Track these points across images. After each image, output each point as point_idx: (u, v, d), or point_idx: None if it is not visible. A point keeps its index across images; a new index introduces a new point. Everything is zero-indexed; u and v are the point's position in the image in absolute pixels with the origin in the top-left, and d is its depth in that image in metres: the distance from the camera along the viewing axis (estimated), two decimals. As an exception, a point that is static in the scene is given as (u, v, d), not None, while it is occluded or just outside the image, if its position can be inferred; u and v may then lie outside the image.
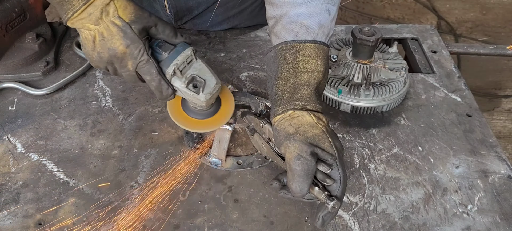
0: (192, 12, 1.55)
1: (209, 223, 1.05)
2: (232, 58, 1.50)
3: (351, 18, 4.00)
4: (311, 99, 1.01)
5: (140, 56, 1.01)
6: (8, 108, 1.30)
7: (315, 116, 1.00)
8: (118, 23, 1.00)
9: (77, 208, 1.07)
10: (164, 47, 1.06)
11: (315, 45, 1.04)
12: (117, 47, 1.01)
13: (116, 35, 1.00)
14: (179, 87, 1.07)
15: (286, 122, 1.00)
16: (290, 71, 1.03)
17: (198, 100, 1.09)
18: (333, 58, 1.39)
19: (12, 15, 1.38)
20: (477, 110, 1.36)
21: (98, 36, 1.01)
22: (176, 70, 1.05)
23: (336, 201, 0.94)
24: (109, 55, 1.02)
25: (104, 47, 1.01)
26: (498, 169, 1.20)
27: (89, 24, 1.00)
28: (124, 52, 1.01)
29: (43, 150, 1.19)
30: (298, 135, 0.96)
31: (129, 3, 1.02)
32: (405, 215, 1.09)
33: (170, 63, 1.05)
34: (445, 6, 4.18)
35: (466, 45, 1.73)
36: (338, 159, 0.96)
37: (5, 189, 1.10)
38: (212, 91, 1.08)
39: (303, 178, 0.94)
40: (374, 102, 1.31)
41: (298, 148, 0.95)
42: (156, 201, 1.08)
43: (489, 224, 1.07)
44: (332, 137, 0.98)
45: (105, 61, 1.04)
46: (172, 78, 1.06)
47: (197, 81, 1.07)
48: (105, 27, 1.00)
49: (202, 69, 1.09)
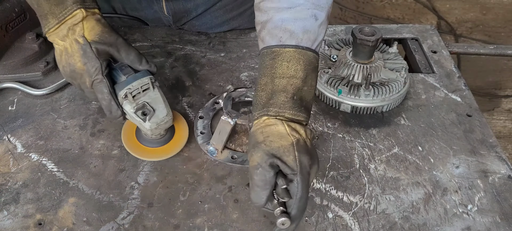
0: (190, 14, 1.55)
1: (209, 223, 1.05)
2: (232, 58, 1.51)
3: (351, 18, 4.00)
4: (286, 105, 0.97)
5: (95, 75, 1.08)
6: (8, 108, 1.30)
7: (290, 126, 0.96)
8: (80, 41, 1.08)
9: (77, 208, 1.07)
10: (124, 71, 1.11)
11: (295, 50, 1.01)
12: (76, 64, 1.08)
13: (76, 52, 1.08)
14: (128, 111, 1.11)
15: (259, 130, 0.98)
16: (268, 76, 1.01)
17: (143, 128, 1.13)
18: (333, 58, 1.39)
19: (12, 15, 1.38)
20: (477, 110, 1.36)
21: (64, 52, 1.10)
22: (128, 95, 1.10)
23: (286, 218, 0.91)
24: (70, 70, 1.10)
25: (66, 62, 1.10)
26: (498, 169, 1.20)
27: (58, 40, 1.10)
28: (82, 69, 1.08)
29: (43, 150, 1.19)
30: (264, 144, 0.94)
31: (98, 25, 1.10)
32: (405, 215, 1.09)
33: (124, 87, 1.10)
34: (445, 6, 4.18)
35: (466, 45, 1.73)
36: (299, 175, 0.92)
37: (5, 189, 1.10)
38: (160, 122, 1.12)
39: (261, 188, 0.93)
40: (374, 102, 1.31)
41: (260, 157, 0.93)
42: (156, 201, 1.09)
43: (489, 224, 1.07)
44: (299, 151, 0.93)
45: (68, 75, 1.12)
46: (123, 101, 1.10)
47: (147, 109, 1.11)
48: (70, 44, 1.09)
49: (156, 99, 1.13)
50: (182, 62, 1.48)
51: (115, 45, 1.11)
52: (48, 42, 1.44)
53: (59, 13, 1.07)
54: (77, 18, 1.08)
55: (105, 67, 1.09)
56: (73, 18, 1.07)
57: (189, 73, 1.44)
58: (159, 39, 1.57)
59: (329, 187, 1.14)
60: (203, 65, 1.48)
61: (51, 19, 1.08)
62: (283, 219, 0.91)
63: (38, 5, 1.09)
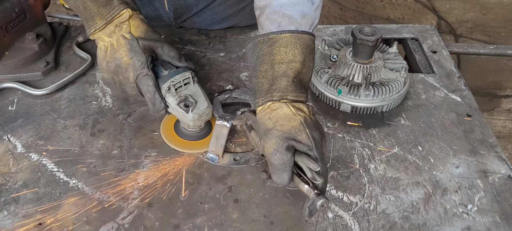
0: (191, 10, 1.56)
1: (209, 223, 1.05)
2: (232, 58, 1.51)
3: (351, 18, 4.00)
4: (289, 89, 1.03)
5: (140, 68, 1.11)
6: (8, 108, 1.30)
7: (294, 107, 1.02)
8: (127, 36, 1.13)
9: (77, 208, 1.07)
10: (166, 66, 1.16)
11: (291, 35, 1.05)
12: (122, 58, 1.12)
13: (123, 46, 1.12)
14: (171, 103, 1.15)
15: (266, 116, 1.03)
16: (268, 63, 1.05)
17: (186, 119, 1.15)
18: (333, 58, 1.39)
19: (12, 15, 1.38)
20: (477, 110, 1.36)
21: (109, 47, 1.14)
22: (171, 87, 1.14)
23: (324, 199, 0.95)
24: (115, 64, 1.13)
25: (112, 57, 1.13)
26: (498, 169, 1.20)
27: (104, 36, 1.14)
28: (128, 63, 1.12)
29: (43, 150, 1.19)
30: (275, 130, 1.00)
31: (142, 23, 1.16)
32: (405, 215, 1.09)
33: (167, 80, 1.14)
34: (445, 6, 4.18)
35: (466, 45, 1.73)
36: (314, 149, 0.98)
37: (5, 189, 1.10)
38: (201, 113, 1.15)
39: (282, 171, 0.99)
40: (374, 102, 1.31)
41: (275, 143, 0.99)
42: (156, 201, 1.09)
43: (489, 224, 1.07)
44: (310, 128, 0.99)
45: (111, 71, 1.15)
46: (166, 94, 1.14)
47: (189, 101, 1.15)
48: (116, 39, 1.13)
49: (197, 92, 1.17)
50: (182, 62, 1.48)
51: (159, 42, 1.16)
52: (48, 42, 1.44)
53: (107, 13, 1.11)
54: (124, 17, 1.13)
55: (150, 62, 1.13)
56: (120, 17, 1.12)
57: (189, 73, 1.44)
58: (159, 39, 1.56)
59: (329, 187, 1.14)
60: (203, 65, 1.48)
61: (99, 20, 1.12)
62: (322, 200, 0.95)
63: (85, 8, 1.12)
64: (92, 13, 1.12)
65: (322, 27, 1.67)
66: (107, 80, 1.21)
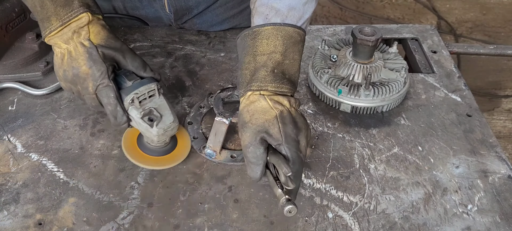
0: (192, 11, 1.56)
1: (209, 223, 1.05)
2: (232, 58, 1.51)
3: (351, 18, 4.00)
4: (267, 79, 1.03)
5: (100, 79, 1.05)
6: (8, 108, 1.30)
7: (272, 100, 1.02)
8: (86, 44, 1.06)
9: (77, 208, 1.07)
10: (129, 77, 1.09)
11: (273, 27, 1.06)
12: (81, 67, 1.05)
13: (82, 55, 1.05)
14: (134, 117, 1.08)
15: (245, 108, 1.04)
16: (251, 54, 1.06)
17: (150, 134, 1.09)
18: (333, 58, 1.39)
19: (12, 15, 1.38)
20: (477, 110, 1.36)
21: (67, 55, 1.07)
22: (135, 100, 1.07)
23: (292, 206, 0.95)
24: (72, 74, 1.06)
25: (69, 66, 1.06)
26: (498, 169, 1.20)
27: (60, 43, 1.07)
28: (87, 73, 1.05)
29: (43, 150, 1.19)
30: (250, 123, 1.01)
31: (103, 30, 1.09)
32: (405, 215, 1.09)
33: (130, 92, 1.07)
34: (445, 6, 4.18)
35: (466, 45, 1.73)
36: (284, 144, 0.98)
37: (5, 189, 1.10)
38: (166, 128, 1.09)
39: (254, 164, 1.00)
40: (374, 102, 1.31)
41: (249, 136, 1.00)
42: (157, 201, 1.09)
43: (489, 224, 1.07)
44: (284, 122, 0.99)
45: (69, 80, 1.08)
46: (129, 107, 1.08)
47: (154, 115, 1.09)
48: (74, 47, 1.06)
49: (162, 105, 1.11)
50: (182, 62, 1.48)
51: (121, 50, 1.10)
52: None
53: (64, 15, 1.05)
54: (82, 21, 1.06)
55: (111, 71, 1.07)
56: (79, 21, 1.05)
57: (189, 73, 1.44)
58: (159, 39, 1.57)
59: (329, 187, 1.14)
60: (203, 65, 1.48)
61: (54, 21, 1.05)
62: (289, 206, 0.95)
63: (42, 6, 1.06)
64: (49, 13, 1.05)
65: (322, 27, 1.67)
66: (65, 89, 1.13)
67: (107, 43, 1.08)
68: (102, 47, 1.06)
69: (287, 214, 0.95)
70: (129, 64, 1.11)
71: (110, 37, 1.09)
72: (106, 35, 1.09)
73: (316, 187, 1.14)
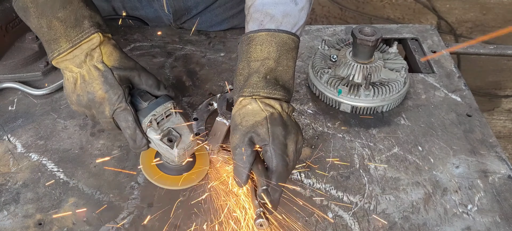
0: (191, 11, 1.56)
1: (209, 223, 1.05)
2: (232, 58, 1.50)
3: (351, 18, 4.00)
4: (259, 85, 1.02)
5: (118, 103, 1.02)
6: (8, 108, 1.30)
7: (263, 103, 1.01)
8: (101, 67, 1.02)
9: (77, 208, 1.07)
10: (144, 97, 1.06)
11: (268, 33, 1.05)
12: (96, 92, 1.01)
13: (97, 79, 1.01)
14: (153, 139, 1.05)
15: (237, 112, 1.03)
16: (245, 61, 1.06)
17: (171, 155, 1.06)
18: (333, 58, 1.39)
19: (12, 15, 1.37)
20: (477, 110, 1.36)
21: (80, 79, 1.02)
22: (153, 121, 1.05)
23: (264, 219, 0.95)
24: (87, 99, 1.02)
25: (84, 91, 1.02)
26: (498, 169, 1.20)
27: (72, 66, 1.02)
28: (103, 97, 1.02)
29: (43, 150, 1.19)
30: (241, 125, 1.00)
31: (115, 50, 1.05)
32: (405, 215, 1.08)
33: (148, 114, 1.04)
34: (445, 6, 4.18)
35: (466, 45, 1.73)
36: (271, 144, 0.97)
37: (5, 189, 1.10)
38: (187, 147, 1.06)
39: (241, 167, 0.98)
40: (374, 102, 1.31)
41: (237, 138, 0.99)
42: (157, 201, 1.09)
43: (489, 224, 1.07)
44: (273, 124, 0.98)
45: (83, 105, 1.04)
46: (148, 129, 1.05)
47: (173, 135, 1.06)
48: (87, 71, 1.02)
49: (180, 124, 1.08)
50: (182, 62, 1.48)
51: (135, 70, 1.07)
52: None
53: (75, 36, 1.00)
54: (94, 42, 1.02)
55: (127, 94, 1.03)
56: (90, 42, 1.01)
57: (189, 73, 1.44)
58: (159, 39, 1.57)
59: (329, 187, 1.14)
60: (203, 65, 1.48)
61: (64, 43, 1.00)
62: (260, 220, 0.95)
63: (50, 28, 1.00)
64: (57, 34, 1.00)
65: (322, 27, 1.67)
66: (78, 112, 1.11)
67: (121, 64, 1.04)
68: (117, 70, 1.03)
69: (258, 226, 0.95)
70: (144, 84, 1.08)
71: (123, 57, 1.06)
72: (119, 55, 1.05)
73: (316, 187, 1.14)
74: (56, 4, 1.00)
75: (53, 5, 0.99)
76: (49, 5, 0.99)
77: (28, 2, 1.00)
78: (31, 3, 0.99)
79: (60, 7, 1.00)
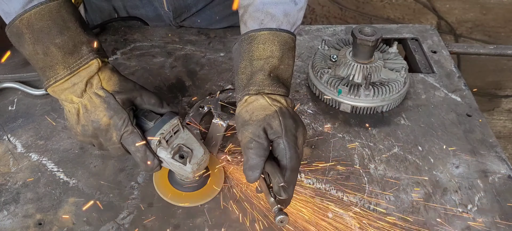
0: (191, 9, 1.56)
1: (209, 223, 1.05)
2: (231, 58, 1.50)
3: (351, 18, 4.00)
4: (264, 83, 1.02)
5: (124, 127, 0.99)
6: (8, 108, 1.30)
7: (270, 98, 1.02)
8: (101, 94, 0.99)
9: (77, 208, 1.07)
10: (149, 117, 1.03)
11: (270, 32, 1.05)
12: (101, 119, 0.98)
13: (99, 106, 0.98)
14: (164, 158, 1.02)
15: (243, 109, 1.02)
16: (247, 59, 1.06)
17: (184, 172, 1.04)
18: (333, 58, 1.39)
19: (12, 15, 1.37)
20: (477, 110, 1.36)
21: (82, 109, 0.99)
22: (162, 140, 1.01)
23: (284, 216, 0.94)
24: (93, 128, 0.99)
25: (88, 120, 0.99)
26: (498, 169, 1.20)
27: (72, 97, 0.99)
28: (108, 124, 0.99)
29: (43, 150, 1.19)
30: (251, 120, 1.00)
31: (114, 74, 1.02)
32: (405, 215, 1.08)
33: (156, 133, 1.01)
34: (445, 6, 4.18)
35: (466, 45, 1.73)
36: (284, 137, 0.97)
37: (5, 189, 1.10)
38: (200, 162, 1.03)
39: (256, 161, 0.96)
40: (374, 102, 1.31)
41: (251, 132, 0.98)
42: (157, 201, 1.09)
43: (489, 224, 1.07)
44: (284, 117, 0.99)
45: (89, 135, 1.01)
46: (157, 148, 1.02)
47: (184, 151, 1.03)
48: (88, 99, 0.99)
49: (189, 138, 1.05)
50: (182, 62, 1.48)
51: (136, 91, 1.04)
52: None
53: (73, 62, 0.97)
54: (92, 69, 0.98)
55: (132, 117, 1.01)
56: (89, 68, 0.98)
57: (189, 73, 1.44)
58: (159, 39, 1.57)
59: (329, 187, 1.14)
60: (203, 65, 1.48)
61: (61, 70, 0.97)
62: (281, 216, 0.93)
63: (46, 54, 0.96)
64: (54, 61, 0.96)
65: (322, 27, 1.67)
66: (84, 143, 1.07)
67: (121, 87, 1.01)
68: (118, 94, 1.00)
69: (278, 224, 0.94)
70: (146, 103, 1.04)
71: (122, 80, 1.03)
72: (117, 79, 1.02)
73: (316, 187, 1.14)
74: (53, 30, 0.96)
75: (50, 31, 0.96)
76: (46, 31, 0.95)
77: (23, 28, 0.95)
78: (26, 29, 0.95)
79: (58, 33, 0.96)
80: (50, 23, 0.95)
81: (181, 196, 1.09)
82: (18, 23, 0.95)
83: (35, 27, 0.95)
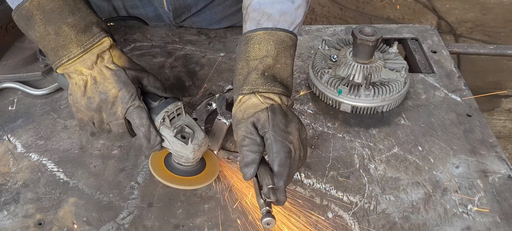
0: (191, 9, 1.56)
1: (209, 223, 1.05)
2: (232, 58, 1.50)
3: (351, 18, 4.00)
4: (258, 82, 1.03)
5: (131, 101, 1.01)
6: (8, 108, 1.30)
7: (263, 96, 1.02)
8: (112, 67, 1.02)
9: (77, 208, 1.07)
10: (154, 98, 1.06)
11: (265, 32, 1.06)
12: (109, 90, 1.00)
13: (109, 78, 1.01)
14: (167, 136, 1.04)
15: (237, 109, 1.03)
16: (244, 60, 1.06)
17: (186, 151, 1.05)
18: (333, 58, 1.39)
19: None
20: (477, 110, 1.36)
21: (90, 81, 1.01)
22: (166, 118, 1.04)
23: (271, 218, 0.94)
24: (99, 99, 1.01)
25: (95, 92, 1.01)
26: (498, 169, 1.20)
27: (82, 68, 1.01)
28: (116, 96, 1.00)
29: (43, 150, 1.19)
30: (243, 119, 1.01)
31: (123, 54, 1.05)
32: (405, 215, 1.09)
33: (160, 111, 1.04)
34: (445, 6, 4.18)
35: (466, 45, 1.73)
36: (271, 131, 0.97)
37: (5, 189, 1.10)
38: (200, 143, 1.06)
39: (251, 157, 0.97)
40: (374, 102, 1.31)
41: (244, 130, 0.99)
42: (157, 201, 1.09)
43: (489, 224, 1.07)
44: (273, 112, 0.99)
45: (94, 108, 1.02)
46: (160, 126, 1.04)
47: (186, 132, 1.05)
48: (99, 72, 1.01)
49: (191, 122, 1.08)
50: (182, 62, 1.48)
51: (144, 72, 1.07)
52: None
53: (86, 40, 1.00)
54: (105, 45, 1.01)
55: (140, 93, 1.03)
56: (101, 45, 1.01)
57: (189, 73, 1.44)
58: (159, 39, 1.57)
59: (329, 187, 1.14)
60: (203, 65, 1.48)
61: (74, 48, 0.99)
62: (267, 218, 0.93)
63: (58, 34, 0.99)
64: (67, 40, 0.99)
65: (322, 27, 1.67)
66: (83, 121, 1.06)
67: (131, 65, 1.05)
68: (129, 70, 1.03)
69: (265, 225, 0.94)
70: (151, 85, 1.07)
71: (131, 61, 1.06)
72: (127, 58, 1.06)
73: (316, 187, 1.14)
74: (65, 10, 0.99)
75: (61, 11, 0.99)
76: (58, 11, 0.99)
77: (34, 9, 0.98)
78: (37, 10, 0.98)
79: (70, 13, 0.99)
80: (61, 3, 0.99)
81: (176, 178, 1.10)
82: (28, 4, 0.98)
83: (46, 8, 0.98)
